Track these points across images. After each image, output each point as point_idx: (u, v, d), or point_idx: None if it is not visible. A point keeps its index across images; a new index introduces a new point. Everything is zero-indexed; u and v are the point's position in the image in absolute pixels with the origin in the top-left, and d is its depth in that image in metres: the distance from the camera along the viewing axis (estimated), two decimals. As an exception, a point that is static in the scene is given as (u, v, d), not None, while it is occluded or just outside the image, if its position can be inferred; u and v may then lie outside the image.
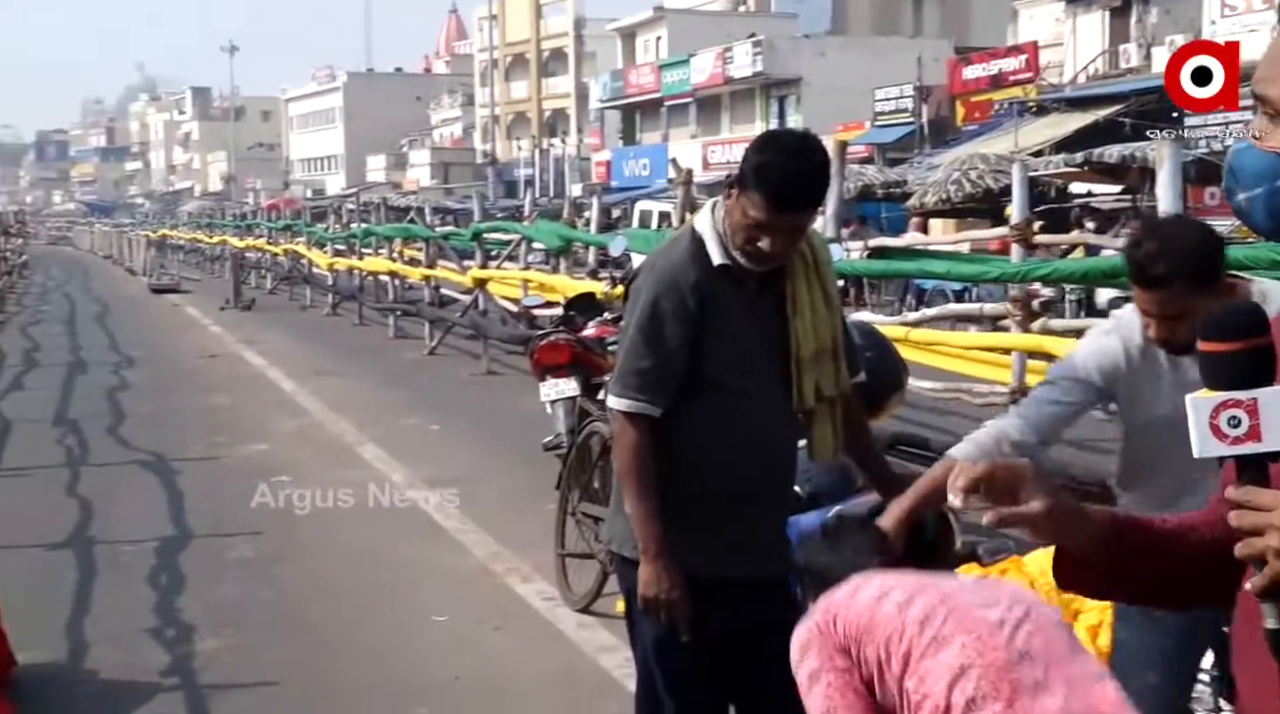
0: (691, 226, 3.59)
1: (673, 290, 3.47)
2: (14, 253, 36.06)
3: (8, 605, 5.54)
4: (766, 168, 3.33)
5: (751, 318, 3.51)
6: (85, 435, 11.44)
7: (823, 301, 3.58)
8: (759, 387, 3.49)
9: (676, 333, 3.45)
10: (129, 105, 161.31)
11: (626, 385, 3.51)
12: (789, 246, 3.46)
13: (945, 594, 2.91)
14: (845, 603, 3.04)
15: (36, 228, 72.92)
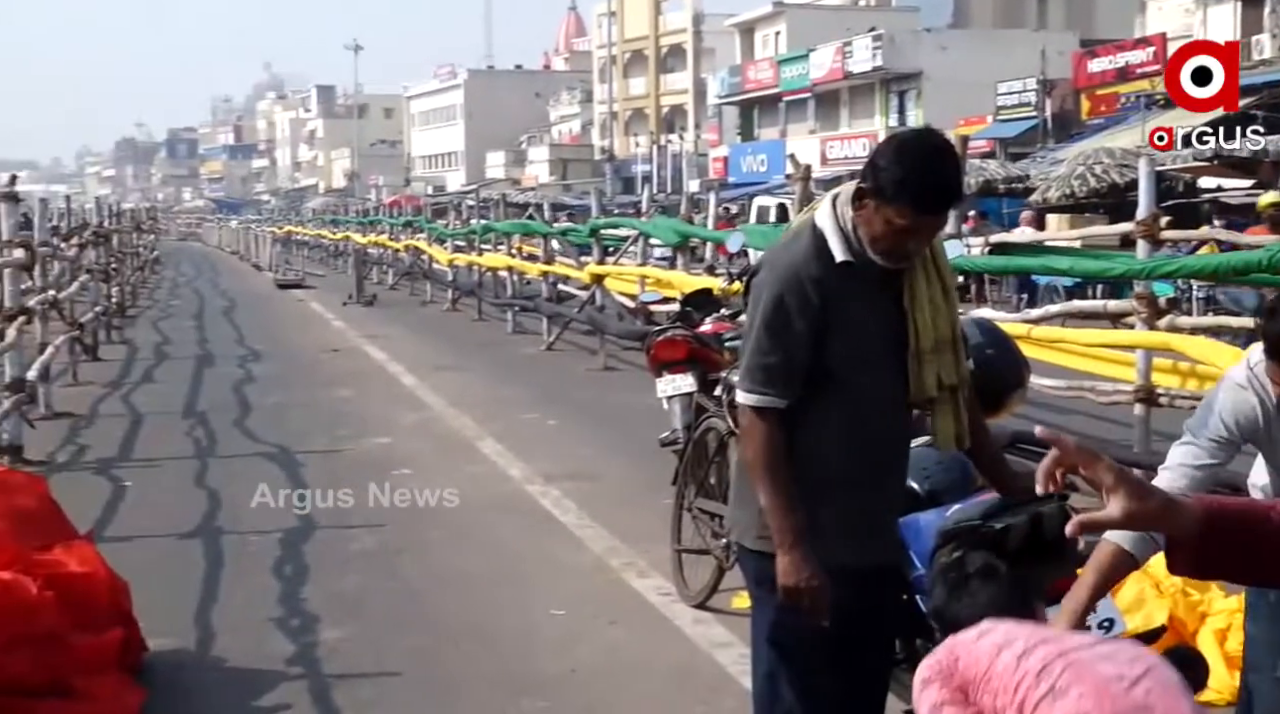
0: (811, 222, 3.61)
1: (796, 286, 3.51)
2: (146, 248, 36.88)
3: (140, 593, 5.69)
4: (908, 180, 3.36)
5: (873, 312, 3.56)
6: (213, 427, 11.69)
7: (941, 294, 3.63)
8: (878, 379, 3.54)
9: (801, 328, 3.50)
10: (256, 104, 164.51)
11: (754, 380, 3.56)
12: (929, 243, 3.55)
13: (1065, 648, 2.88)
14: (968, 647, 3.03)
15: (167, 224, 74.65)
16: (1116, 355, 8.48)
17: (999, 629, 3.06)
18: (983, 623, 3.15)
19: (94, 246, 20.14)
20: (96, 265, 19.80)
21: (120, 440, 11.05)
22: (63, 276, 16.39)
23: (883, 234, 3.44)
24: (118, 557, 5.96)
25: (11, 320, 10.44)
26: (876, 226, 3.44)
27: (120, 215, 31.33)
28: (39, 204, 15.40)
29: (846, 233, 3.51)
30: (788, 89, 53.87)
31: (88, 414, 12.45)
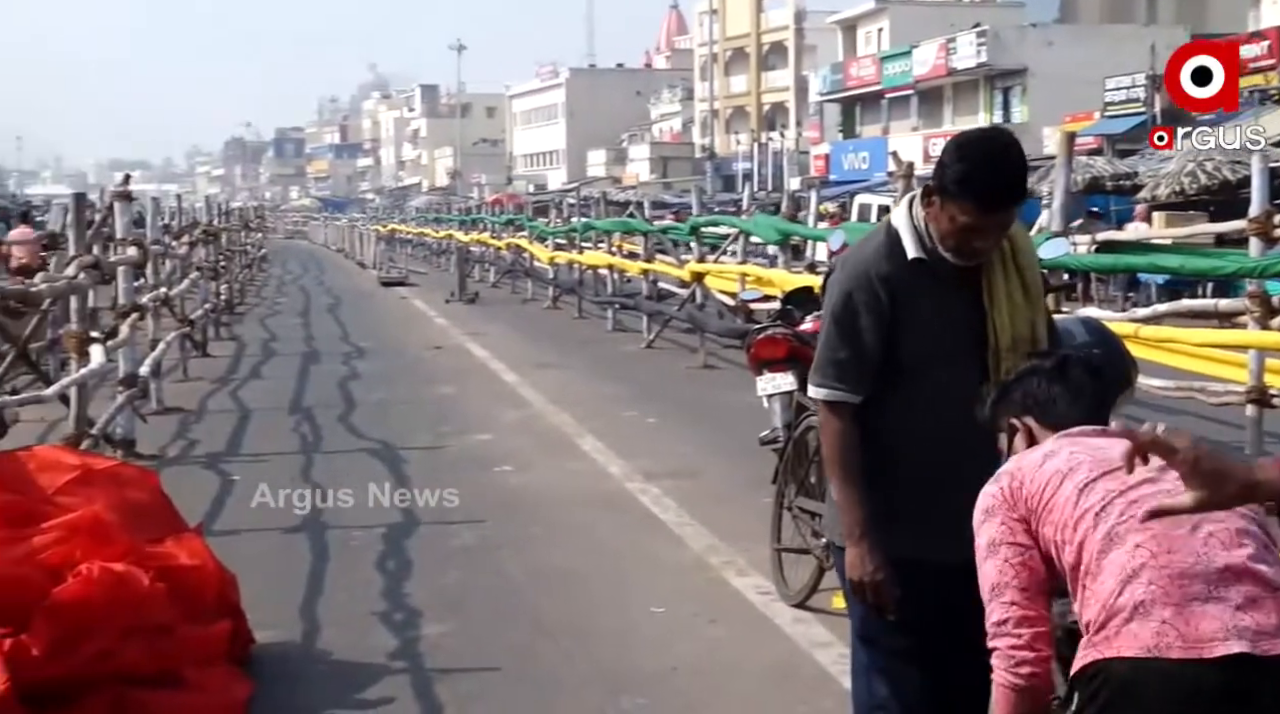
0: (888, 222, 3.69)
1: (865, 283, 3.59)
2: (254, 247, 37.50)
3: (247, 586, 5.79)
4: (969, 176, 3.41)
5: (948, 309, 3.60)
6: (318, 423, 11.86)
7: (1021, 293, 3.66)
8: (956, 375, 3.55)
9: (869, 324, 3.58)
10: (362, 103, 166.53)
11: (825, 375, 3.67)
12: (999, 241, 3.58)
13: (1128, 483, 2.83)
14: (1032, 471, 3.00)
15: (274, 222, 75.76)
16: (1227, 356, 8.31)
17: (1063, 451, 3.02)
18: (1048, 441, 3.11)
19: (204, 245, 20.52)
20: (206, 263, 20.17)
21: (229, 435, 11.24)
22: (174, 274, 16.70)
23: (949, 232, 3.50)
24: (226, 550, 6.06)
25: (125, 317, 10.67)
26: (943, 224, 3.50)
27: (229, 214, 31.93)
28: (151, 203, 15.74)
29: (920, 231, 3.58)
30: (890, 86, 53.45)
31: (197, 409, 12.69)
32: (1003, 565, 2.97)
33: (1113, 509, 2.81)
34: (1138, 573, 2.70)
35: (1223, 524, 2.75)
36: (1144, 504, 2.75)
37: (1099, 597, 2.73)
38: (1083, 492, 2.87)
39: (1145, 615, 2.66)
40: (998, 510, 3.01)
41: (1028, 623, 2.94)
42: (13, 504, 5.18)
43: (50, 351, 12.56)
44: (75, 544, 4.98)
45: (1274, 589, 2.68)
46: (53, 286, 9.17)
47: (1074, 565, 2.83)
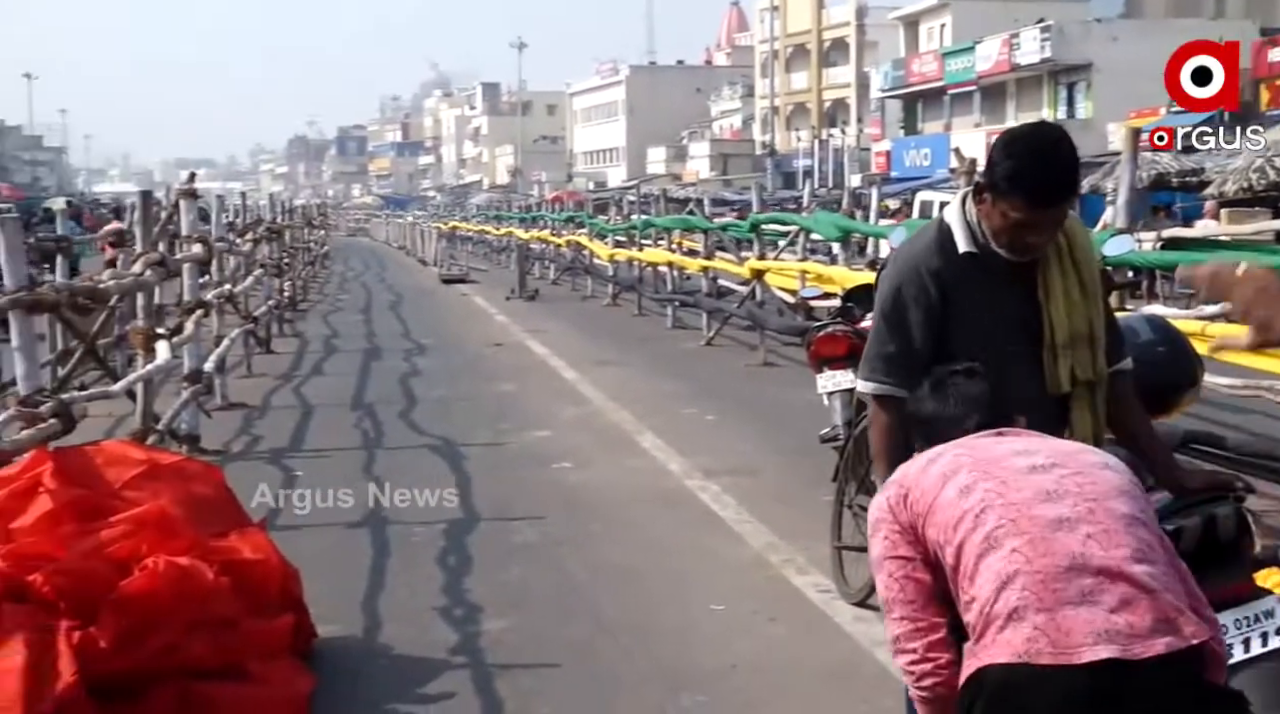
0: (940, 217, 3.69)
1: (913, 277, 3.60)
2: (316, 244, 37.77)
3: (309, 580, 5.84)
4: (1020, 172, 3.40)
5: (1000, 304, 3.59)
6: (380, 419, 11.93)
7: (1078, 289, 3.63)
8: (1009, 371, 3.52)
9: (918, 318, 3.59)
10: (424, 101, 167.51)
11: (873, 369, 3.68)
12: (1053, 236, 3.55)
13: (1006, 483, 2.84)
14: (917, 478, 3.01)
15: (337, 220, 76.26)
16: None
17: (947, 455, 3.02)
18: (935, 447, 3.11)
19: (267, 242, 20.70)
20: (270, 260, 20.35)
21: (291, 431, 11.34)
22: (238, 271, 16.85)
23: (1001, 228, 3.48)
24: (289, 544, 6.11)
25: (190, 314, 10.78)
26: (995, 220, 3.49)
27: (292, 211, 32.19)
28: (216, 201, 15.89)
29: (972, 226, 3.57)
30: (953, 82, 53.09)
31: (261, 405, 12.81)
32: (888, 581, 2.99)
33: (991, 512, 2.82)
34: (1012, 579, 2.71)
35: (1102, 525, 2.74)
36: (1021, 510, 2.76)
37: (977, 602, 2.76)
38: (963, 493, 2.88)
39: (1019, 621, 2.67)
40: (881, 524, 3.04)
41: (919, 634, 2.95)
42: (81, 499, 5.25)
43: (117, 348, 12.72)
44: (141, 538, 5.04)
45: (1149, 590, 2.66)
46: (120, 283, 9.28)
47: (954, 567, 2.85)
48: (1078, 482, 2.84)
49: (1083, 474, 2.87)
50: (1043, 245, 3.54)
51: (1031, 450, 2.97)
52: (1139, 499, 2.86)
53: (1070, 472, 2.87)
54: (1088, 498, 2.80)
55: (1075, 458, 2.95)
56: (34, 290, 7.03)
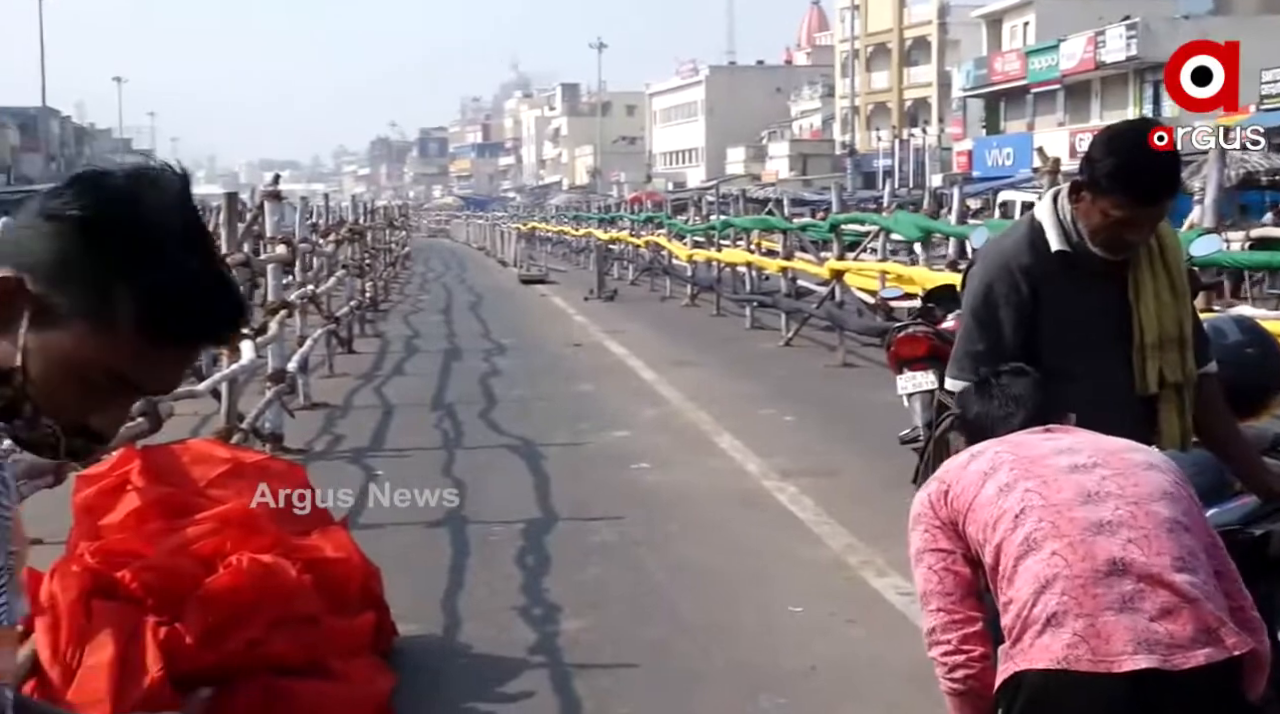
0: (1031, 214, 3.67)
1: (1005, 275, 3.57)
2: (398, 245, 38.08)
3: (390, 579, 5.89)
4: (1123, 168, 3.37)
5: (1091, 303, 3.57)
6: (460, 419, 12.01)
7: (1168, 290, 3.60)
8: (1099, 370, 3.51)
9: (1009, 316, 3.56)
10: (504, 103, 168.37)
11: (963, 366, 3.65)
12: (1151, 234, 3.54)
13: (1046, 482, 2.79)
14: (957, 474, 2.98)
15: (418, 221, 76.90)
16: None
17: (988, 452, 2.97)
18: (978, 444, 3.07)
19: (350, 243, 20.90)
20: (352, 261, 20.54)
21: (373, 430, 11.45)
22: (320, 272, 17.03)
23: (1100, 226, 3.45)
24: (370, 543, 6.17)
25: (274, 314, 10.90)
26: (1094, 219, 3.46)
27: (374, 213, 32.46)
28: (300, 202, 16.10)
29: (1065, 224, 3.54)
30: (1036, 80, 52.52)
31: (342, 404, 12.94)
32: (927, 573, 2.97)
33: (1031, 513, 2.78)
34: (1051, 583, 2.68)
35: (1143, 529, 2.70)
36: (1061, 512, 2.72)
37: (1015, 604, 2.73)
38: (1002, 492, 2.85)
39: (1058, 627, 2.64)
40: (922, 518, 3.02)
41: (955, 626, 2.93)
42: (168, 496, 5.33)
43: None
44: (226, 536, 5.11)
45: (1190, 599, 2.61)
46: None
47: (992, 567, 2.83)
48: (1119, 483, 2.80)
49: (1125, 475, 2.82)
50: (1139, 243, 3.52)
51: (1075, 449, 2.92)
52: (1183, 501, 2.80)
53: (1113, 472, 2.82)
54: (1130, 501, 2.76)
55: (1119, 457, 2.89)
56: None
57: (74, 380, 1.46)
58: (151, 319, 1.45)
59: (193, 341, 1.52)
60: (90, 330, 1.44)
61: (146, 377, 1.50)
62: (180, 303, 1.45)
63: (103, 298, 1.44)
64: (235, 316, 1.52)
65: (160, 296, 1.44)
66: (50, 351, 1.45)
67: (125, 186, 1.47)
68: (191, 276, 1.46)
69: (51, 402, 1.46)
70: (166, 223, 1.46)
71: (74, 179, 1.49)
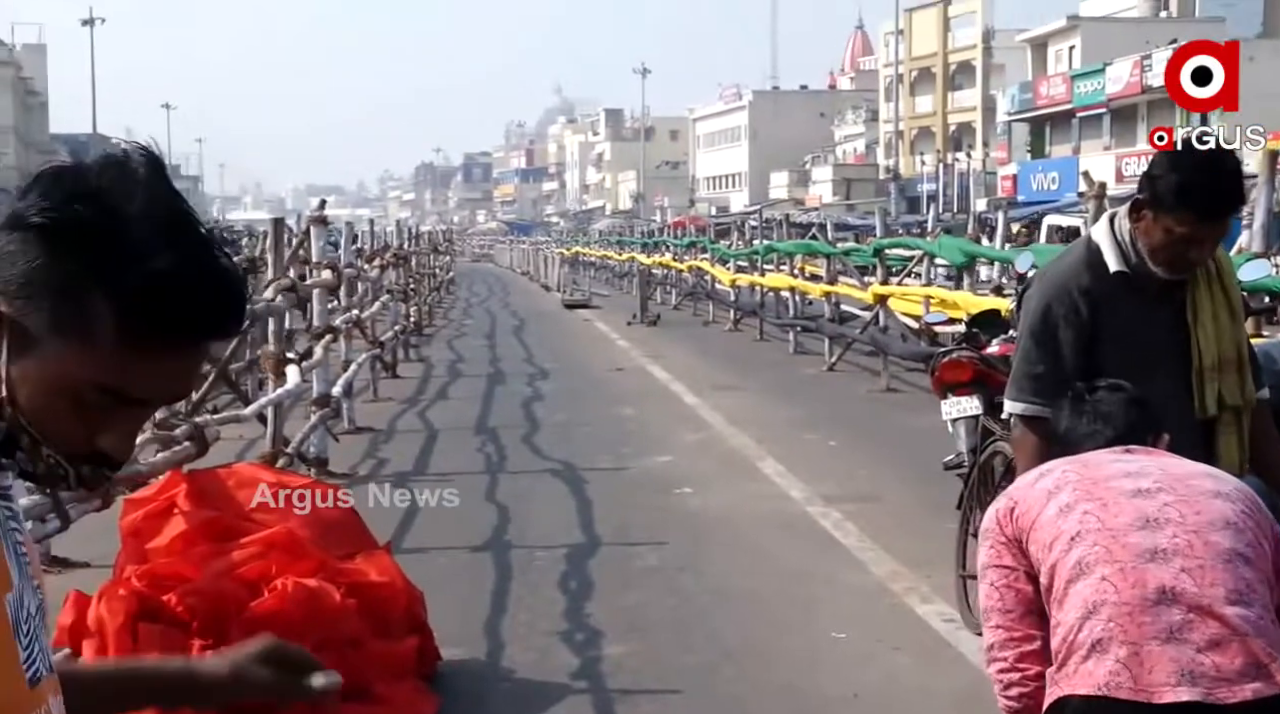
0: (1088, 236, 3.68)
1: (1063, 296, 3.57)
2: (442, 269, 38.25)
3: (433, 603, 5.90)
4: (1188, 186, 3.36)
5: (1149, 325, 3.55)
6: (503, 443, 12.03)
7: (1226, 312, 3.60)
8: (1158, 392, 3.45)
9: (1068, 338, 3.56)
10: (548, 128, 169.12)
11: (1021, 388, 3.64)
12: (1213, 252, 3.54)
13: (1106, 506, 2.76)
14: (1024, 492, 2.96)
15: (462, 245, 77.25)
16: None
17: (1056, 471, 2.94)
18: (1048, 462, 3.04)
19: (394, 268, 21.01)
20: (397, 286, 20.65)
21: (416, 455, 11.49)
22: (365, 297, 17.12)
23: (1163, 244, 3.43)
24: (413, 567, 6.19)
25: (319, 338, 10.97)
26: (1156, 237, 3.44)
27: (419, 237, 32.63)
28: (345, 227, 16.17)
29: (1123, 245, 3.53)
30: (1082, 104, 52.29)
31: (387, 429, 12.99)
32: (989, 590, 2.96)
33: (1086, 537, 2.75)
34: (1098, 608, 2.65)
35: (1199, 559, 2.66)
36: (1115, 538, 2.70)
37: (1062, 628, 2.72)
38: (1062, 513, 2.83)
39: (1102, 653, 2.62)
40: (989, 533, 3.01)
41: (1013, 644, 2.92)
42: (214, 520, 5.37)
43: (249, 372, 12.99)
44: (271, 559, 5.14)
45: (1240, 633, 2.56)
46: (251, 308, 9.48)
47: (1046, 588, 2.82)
48: (1181, 510, 2.76)
49: (1189, 502, 2.78)
50: (1201, 261, 3.51)
51: (1142, 472, 2.89)
52: (1247, 532, 2.75)
53: (1176, 498, 2.79)
54: (1189, 529, 2.72)
55: (1186, 484, 2.84)
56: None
57: (65, 403, 1.32)
58: (131, 323, 1.30)
59: (184, 340, 1.34)
60: (70, 346, 1.30)
61: (144, 387, 1.34)
62: (159, 301, 1.30)
63: (76, 308, 1.30)
64: (228, 305, 1.35)
65: (136, 297, 1.30)
66: (33, 376, 1.31)
67: (88, 179, 1.32)
68: (170, 270, 1.30)
69: (49, 430, 1.33)
70: (136, 214, 1.31)
71: (35, 178, 1.34)
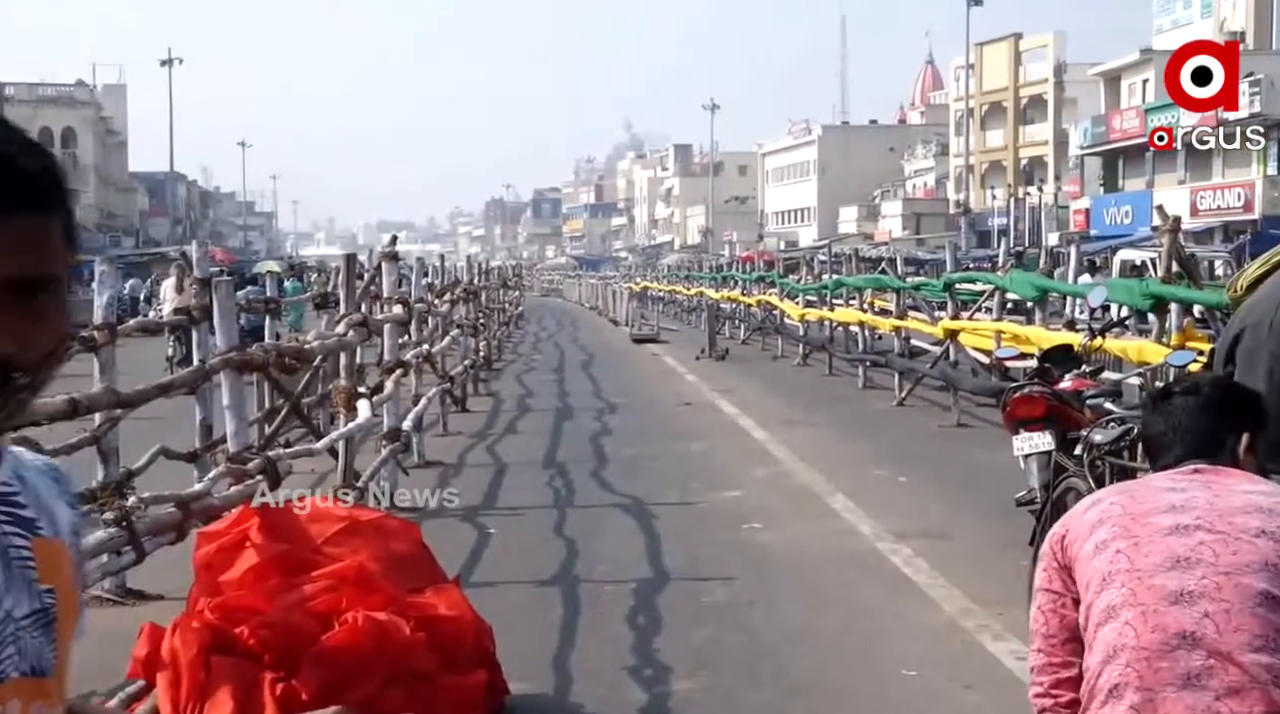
0: None
1: None
2: (511, 304, 38.45)
3: (502, 637, 5.91)
4: None
5: None
6: (571, 478, 12.06)
7: None
8: None
9: None
10: (617, 163, 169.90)
11: None
12: None
13: (1139, 545, 2.71)
14: (1075, 521, 2.93)
15: (531, 280, 77.69)
16: None
17: (1105, 501, 2.88)
18: (1103, 490, 2.97)
19: (464, 303, 21.15)
20: (466, 321, 20.78)
21: (485, 489, 11.53)
22: (435, 331, 17.24)
23: None
24: (482, 601, 6.20)
25: (390, 373, 11.06)
26: None
27: (488, 273, 32.83)
28: (416, 263, 16.33)
29: None
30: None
31: (456, 463, 13.05)
32: (1036, 613, 2.95)
33: (1116, 579, 2.71)
34: (1118, 653, 2.62)
35: (1225, 603, 2.59)
36: (1143, 579, 2.65)
37: (1088, 672, 2.70)
38: (1097, 551, 2.80)
39: (1117, 699, 2.59)
40: (1044, 557, 3.00)
41: (1050, 669, 2.90)
42: (285, 554, 5.42)
43: (320, 406, 13.11)
44: (342, 593, 5.17)
45: (1261, 682, 2.49)
46: (324, 344, 9.59)
47: (1083, 628, 2.79)
48: (1216, 550, 2.68)
49: (1227, 541, 2.69)
50: None
51: (1187, 506, 2.80)
52: None
53: (1214, 537, 2.71)
54: (1221, 570, 2.65)
55: (1229, 521, 2.73)
56: (244, 350, 7.32)
57: None
58: None
59: None
60: None
61: None
62: None
63: None
64: None
65: None
66: None
67: None
68: None
69: None
70: None
71: None
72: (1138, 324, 13.29)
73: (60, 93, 76.41)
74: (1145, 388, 10.76)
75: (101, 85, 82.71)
